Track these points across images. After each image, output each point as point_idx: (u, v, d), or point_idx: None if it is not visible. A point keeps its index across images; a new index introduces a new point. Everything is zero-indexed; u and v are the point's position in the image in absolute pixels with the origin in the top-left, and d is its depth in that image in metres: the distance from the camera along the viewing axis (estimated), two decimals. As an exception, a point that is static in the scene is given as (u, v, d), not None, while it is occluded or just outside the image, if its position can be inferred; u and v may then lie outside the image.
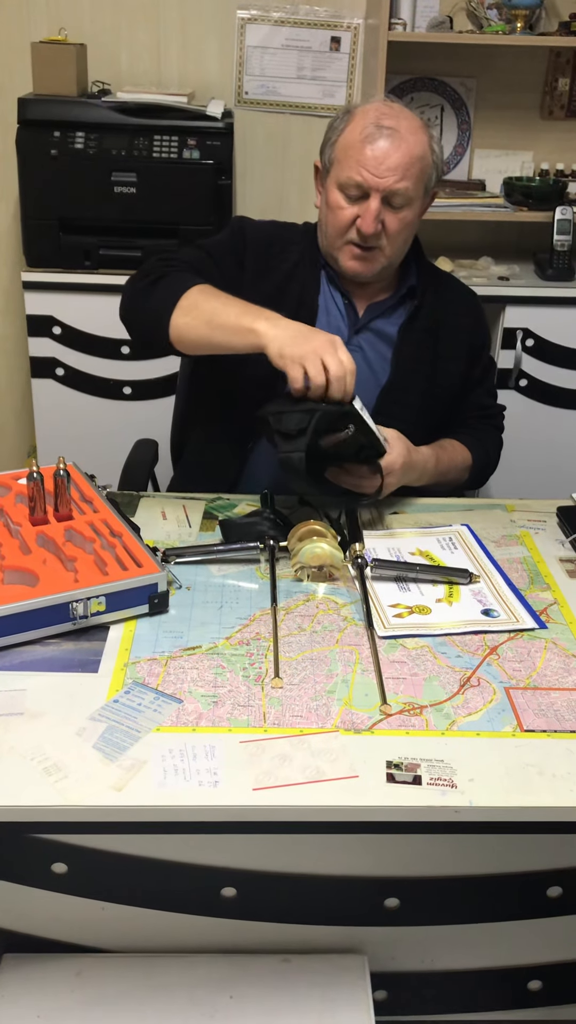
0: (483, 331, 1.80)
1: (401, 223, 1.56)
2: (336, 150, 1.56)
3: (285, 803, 1.01)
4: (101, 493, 1.49)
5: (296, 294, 1.64)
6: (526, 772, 1.06)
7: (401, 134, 1.52)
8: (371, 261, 1.59)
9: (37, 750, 1.06)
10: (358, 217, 1.54)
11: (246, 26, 2.73)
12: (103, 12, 2.70)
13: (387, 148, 1.51)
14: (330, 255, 1.63)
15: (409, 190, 1.53)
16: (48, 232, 2.52)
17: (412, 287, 1.68)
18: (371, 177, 1.51)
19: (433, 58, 2.73)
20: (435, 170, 1.59)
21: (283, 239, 1.69)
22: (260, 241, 1.66)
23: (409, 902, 1.13)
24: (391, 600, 1.36)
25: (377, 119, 1.53)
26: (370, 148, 1.51)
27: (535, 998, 1.23)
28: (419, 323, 1.68)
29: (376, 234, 1.54)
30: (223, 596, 1.36)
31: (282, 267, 1.64)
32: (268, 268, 1.64)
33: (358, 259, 1.58)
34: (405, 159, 1.51)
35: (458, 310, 1.73)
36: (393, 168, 1.51)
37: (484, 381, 1.80)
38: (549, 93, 2.81)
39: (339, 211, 1.56)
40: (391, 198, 1.53)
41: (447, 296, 1.73)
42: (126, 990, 1.12)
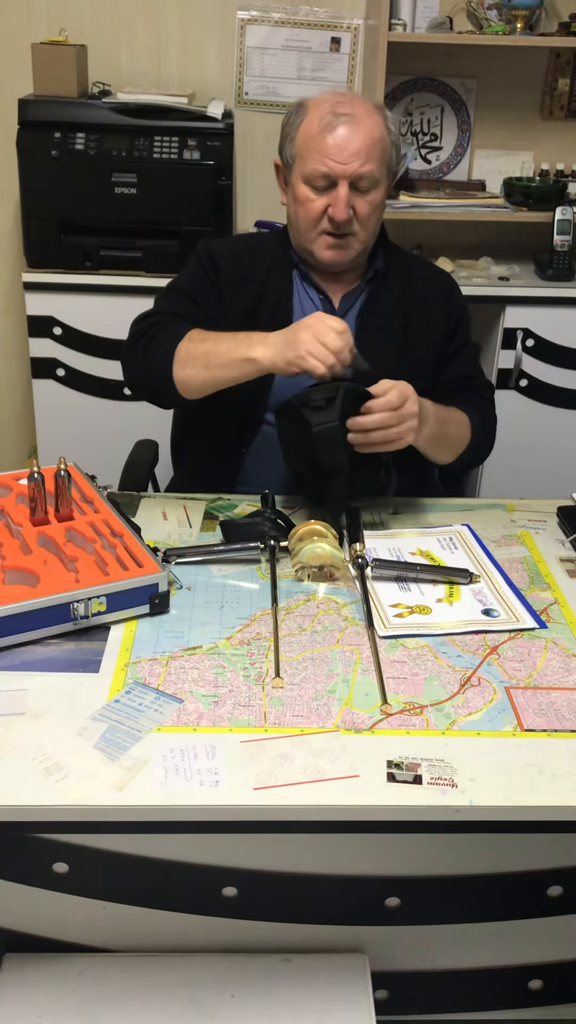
0: (458, 310, 1.77)
1: (371, 206, 1.59)
2: (296, 145, 1.59)
3: (286, 803, 1.01)
4: (102, 493, 1.49)
5: (272, 298, 1.66)
6: (526, 771, 1.06)
7: (358, 118, 1.55)
8: (346, 248, 1.61)
9: (38, 750, 1.06)
10: (328, 206, 1.57)
11: (246, 27, 2.73)
12: (103, 13, 2.70)
13: (347, 134, 1.54)
14: (304, 249, 1.64)
15: (374, 172, 1.56)
16: (49, 233, 2.52)
17: (377, 270, 1.70)
18: (336, 165, 1.54)
19: (433, 58, 2.73)
20: (395, 149, 1.62)
21: (251, 248, 1.72)
22: (229, 258, 1.69)
23: (410, 901, 1.13)
24: (391, 600, 1.36)
25: (332, 108, 1.56)
26: (331, 137, 1.54)
27: (536, 997, 1.23)
28: (383, 306, 1.68)
29: (348, 220, 1.57)
30: (224, 596, 1.36)
31: (256, 275, 1.67)
32: (243, 279, 1.67)
33: (333, 248, 1.61)
34: (366, 142, 1.54)
35: (429, 289, 1.74)
36: (356, 153, 1.54)
37: (461, 355, 1.77)
38: (549, 93, 2.81)
39: (308, 204, 1.58)
40: (358, 182, 1.56)
41: (416, 276, 1.74)
42: (127, 990, 1.12)
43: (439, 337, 1.72)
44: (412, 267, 1.76)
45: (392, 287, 1.70)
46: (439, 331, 1.72)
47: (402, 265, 1.73)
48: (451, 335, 1.75)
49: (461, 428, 1.68)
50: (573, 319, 2.62)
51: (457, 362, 1.76)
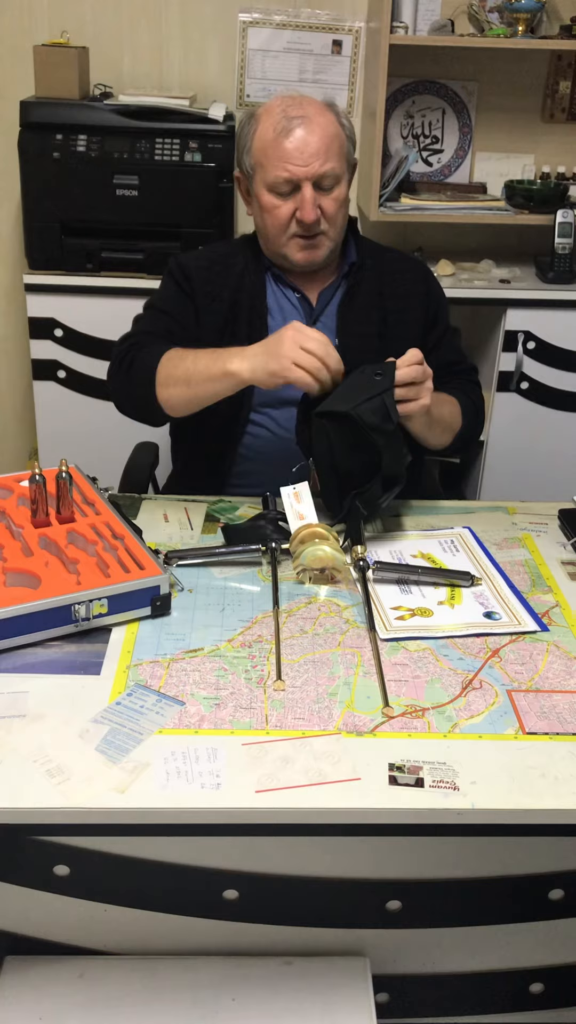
0: (434, 298, 1.78)
1: (336, 203, 1.60)
2: (254, 155, 1.60)
3: (287, 805, 1.01)
4: (103, 495, 1.49)
5: (247, 303, 1.68)
6: (528, 775, 1.06)
7: (311, 119, 1.56)
8: (318, 247, 1.63)
9: (39, 752, 1.06)
10: (296, 210, 1.58)
11: (248, 29, 2.73)
12: (105, 15, 2.70)
13: (304, 136, 1.55)
14: (277, 254, 1.66)
15: (335, 169, 1.58)
16: (50, 235, 2.52)
17: (352, 264, 1.71)
18: (297, 168, 1.56)
19: (434, 61, 2.74)
20: (350, 143, 1.63)
21: (222, 257, 1.73)
22: (200, 268, 1.70)
23: (411, 905, 1.13)
24: (393, 602, 1.36)
25: (284, 112, 1.57)
26: (287, 141, 1.55)
27: (537, 1001, 1.23)
28: (360, 299, 1.69)
29: (317, 220, 1.58)
30: (225, 598, 1.36)
31: (228, 283, 1.68)
32: (216, 288, 1.68)
33: (306, 249, 1.62)
34: (324, 141, 1.56)
35: (405, 280, 1.74)
36: (315, 153, 1.55)
37: (444, 343, 1.78)
38: (550, 96, 2.81)
39: (275, 210, 1.60)
40: (321, 181, 1.57)
41: (391, 267, 1.75)
42: (128, 992, 1.12)
43: (419, 327, 1.73)
44: (385, 259, 1.77)
45: (368, 279, 1.71)
46: (419, 320, 1.73)
47: (375, 257, 1.75)
48: (431, 324, 1.76)
49: (454, 410, 1.69)
50: (574, 322, 2.62)
51: (442, 350, 1.77)
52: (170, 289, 1.71)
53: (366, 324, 1.69)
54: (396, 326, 1.71)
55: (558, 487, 1.92)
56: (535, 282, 2.66)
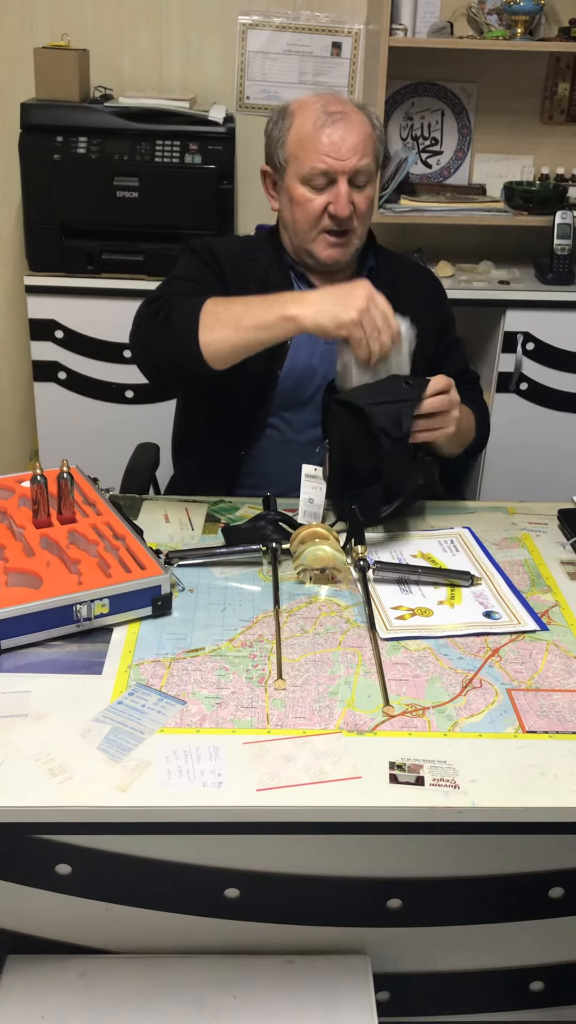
0: (447, 309, 1.82)
1: (367, 200, 1.62)
2: (288, 148, 1.60)
3: (289, 804, 1.01)
4: (104, 496, 1.49)
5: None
6: (528, 773, 1.06)
7: (350, 115, 1.58)
8: (347, 245, 1.63)
9: (42, 751, 1.07)
10: (328, 204, 1.58)
11: (247, 31, 2.74)
12: (105, 17, 2.71)
13: (343, 131, 1.56)
14: (303, 250, 1.65)
15: (370, 166, 1.60)
16: (51, 236, 2.53)
17: (371, 268, 1.72)
18: (335, 162, 1.56)
19: (434, 63, 2.74)
20: (381, 144, 1.66)
21: (247, 249, 1.72)
22: (229, 254, 1.68)
23: (412, 903, 1.14)
24: (393, 602, 1.37)
25: (324, 107, 1.58)
26: (326, 135, 1.56)
27: (537, 999, 1.23)
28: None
29: (350, 216, 1.59)
30: (226, 598, 1.36)
31: (255, 275, 1.67)
32: (243, 277, 1.67)
33: (335, 246, 1.63)
34: (361, 137, 1.57)
35: (419, 290, 1.76)
36: (353, 148, 1.56)
37: (453, 352, 1.81)
38: (549, 98, 2.82)
39: (307, 204, 1.59)
40: (355, 178, 1.58)
41: (406, 275, 1.77)
42: (130, 991, 1.13)
43: (432, 336, 1.74)
44: (400, 266, 1.79)
45: (385, 285, 1.70)
46: (432, 329, 1.74)
47: (391, 264, 1.76)
48: (443, 333, 1.78)
49: (470, 422, 1.72)
50: (573, 323, 2.62)
51: (452, 359, 1.79)
52: (198, 267, 1.66)
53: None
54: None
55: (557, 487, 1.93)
56: (534, 283, 2.66)
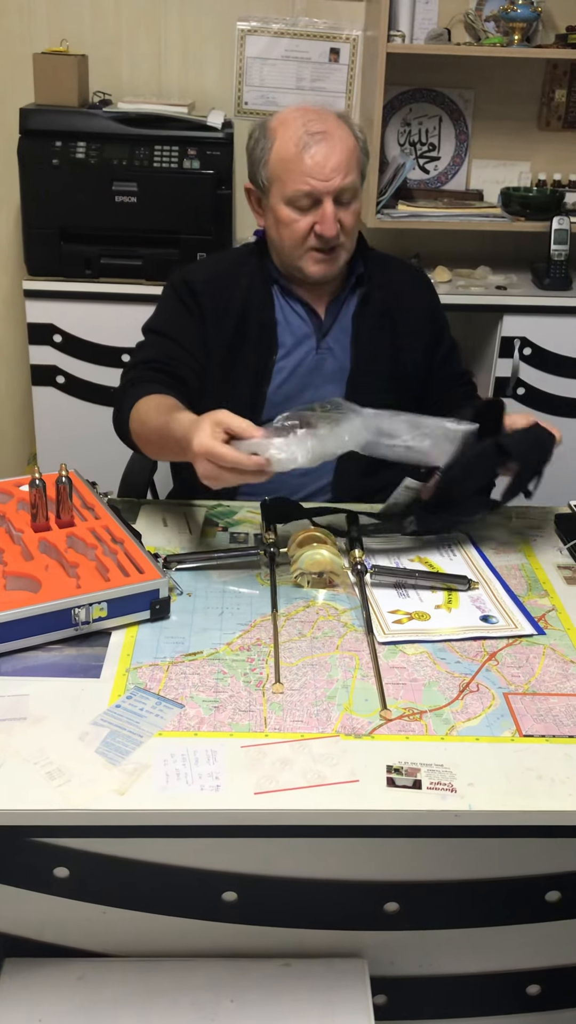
0: (440, 311, 1.81)
1: (354, 216, 1.62)
2: (271, 169, 1.59)
3: (286, 807, 1.02)
4: (103, 500, 1.50)
5: (256, 318, 1.67)
6: (525, 777, 1.07)
7: (332, 133, 1.56)
8: (335, 261, 1.63)
9: (40, 754, 1.07)
10: (314, 224, 1.58)
11: (246, 37, 2.75)
12: (104, 23, 2.72)
13: (326, 151, 1.55)
14: (292, 267, 1.65)
15: (355, 182, 1.59)
16: (49, 241, 2.54)
17: (361, 275, 1.71)
18: (319, 183, 1.55)
19: (431, 69, 2.75)
20: (364, 154, 1.64)
21: (227, 269, 1.71)
22: (206, 283, 1.68)
23: (409, 906, 1.14)
24: (391, 606, 1.37)
25: (305, 126, 1.56)
26: (309, 156, 1.55)
27: (534, 1002, 1.24)
28: (371, 307, 1.70)
29: (337, 234, 1.58)
30: (224, 602, 1.37)
31: (236, 295, 1.67)
32: (224, 302, 1.67)
33: (322, 263, 1.62)
34: (345, 155, 1.56)
35: (412, 292, 1.76)
36: (336, 167, 1.55)
37: (451, 357, 1.81)
38: (546, 104, 2.83)
39: (293, 224, 1.59)
40: (341, 195, 1.58)
41: (398, 278, 1.76)
42: (127, 994, 1.13)
43: (427, 337, 1.74)
44: (390, 268, 1.78)
45: (377, 291, 1.72)
46: (427, 331, 1.74)
47: (381, 267, 1.75)
48: (439, 334, 1.77)
49: None
50: (570, 328, 2.63)
51: (450, 364, 1.80)
52: (174, 309, 1.68)
53: (379, 332, 1.70)
54: (406, 335, 1.72)
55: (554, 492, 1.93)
56: (531, 288, 2.67)
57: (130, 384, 1.61)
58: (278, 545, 1.44)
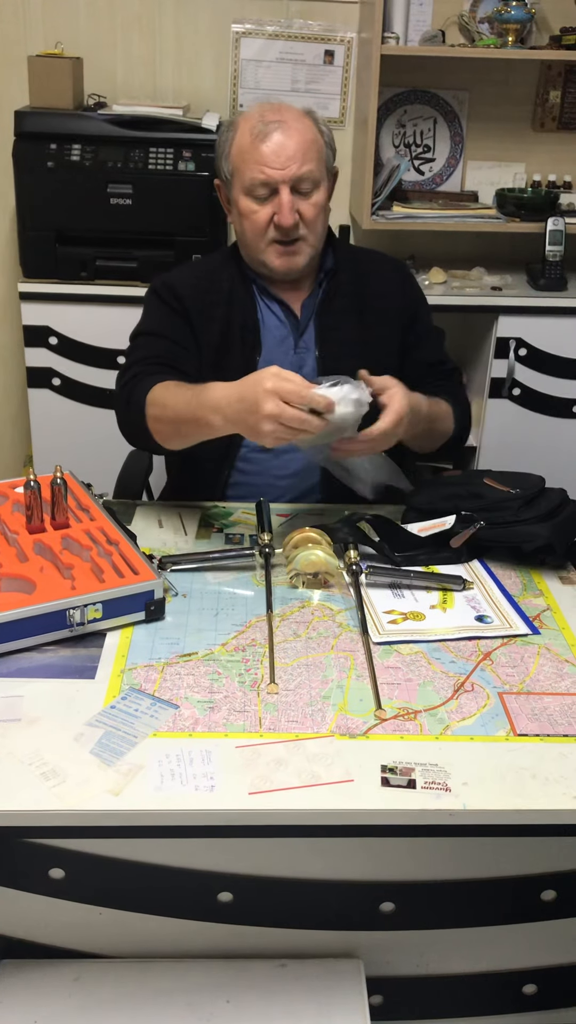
0: (413, 298, 1.77)
1: (315, 208, 1.60)
2: (232, 160, 1.60)
3: (281, 807, 1.02)
4: (98, 501, 1.50)
5: (239, 319, 1.67)
6: (519, 776, 1.07)
7: (288, 123, 1.57)
8: (297, 253, 1.62)
9: (35, 755, 1.07)
10: (274, 214, 1.58)
11: (241, 39, 2.75)
12: (99, 26, 2.72)
13: (281, 139, 1.55)
14: (256, 261, 1.65)
15: (313, 172, 1.58)
16: (45, 243, 2.54)
17: (328, 270, 1.70)
18: (274, 171, 1.55)
19: (426, 71, 2.76)
20: (329, 149, 1.63)
21: (207, 273, 1.72)
22: (189, 287, 1.69)
23: (404, 906, 1.14)
24: (386, 606, 1.37)
25: (261, 117, 1.57)
26: (264, 145, 1.55)
27: (530, 1002, 1.24)
28: (337, 303, 1.69)
29: (295, 224, 1.58)
30: (219, 603, 1.37)
31: (219, 299, 1.68)
32: (209, 306, 1.67)
33: (284, 255, 1.62)
34: (301, 144, 1.56)
35: (383, 284, 1.74)
36: (292, 156, 1.55)
37: (425, 343, 1.77)
38: (541, 105, 2.84)
39: (253, 215, 1.59)
40: (299, 184, 1.57)
41: (369, 271, 1.74)
42: (123, 995, 1.13)
43: (397, 329, 1.73)
44: (364, 261, 1.76)
45: (345, 284, 1.70)
46: (397, 323, 1.72)
47: (353, 261, 1.74)
48: (409, 324, 1.74)
49: (447, 421, 1.69)
50: (565, 329, 2.64)
51: (423, 350, 1.75)
52: (161, 311, 1.68)
53: (346, 331, 1.68)
54: (376, 328, 1.70)
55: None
56: (526, 289, 2.68)
57: (134, 379, 1.58)
58: (273, 546, 1.44)
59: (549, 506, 1.47)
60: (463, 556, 1.49)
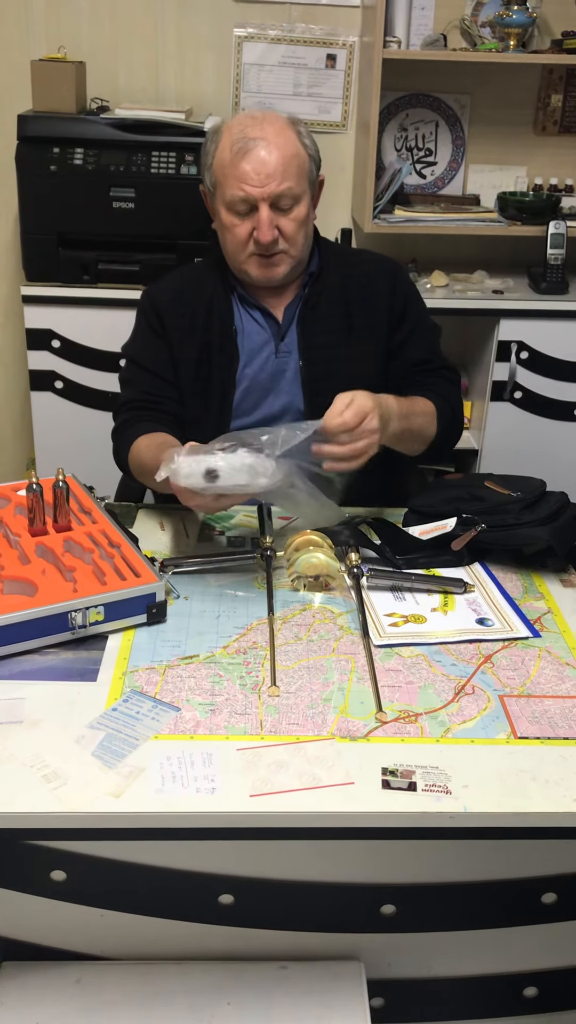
0: (402, 296, 1.71)
1: (295, 223, 1.59)
2: (214, 172, 1.60)
3: (282, 809, 1.02)
4: (100, 504, 1.50)
5: (217, 329, 1.68)
6: (520, 778, 1.07)
7: (268, 140, 1.55)
8: (279, 264, 1.62)
9: (36, 758, 1.07)
10: (254, 229, 1.58)
11: (243, 44, 2.76)
12: (102, 30, 2.73)
13: (261, 157, 1.54)
14: (239, 270, 1.65)
15: (293, 189, 1.56)
16: (47, 247, 2.54)
17: (312, 273, 1.69)
18: (253, 189, 1.55)
19: (427, 75, 2.76)
20: (312, 162, 1.61)
21: (192, 283, 1.72)
22: (170, 302, 1.70)
23: (405, 909, 1.14)
24: (387, 609, 1.37)
25: (242, 132, 1.56)
26: (244, 162, 1.54)
27: (531, 1004, 1.24)
28: (322, 309, 1.67)
29: (274, 241, 1.58)
30: (220, 606, 1.37)
31: (199, 310, 1.68)
32: (186, 320, 1.68)
33: (265, 267, 1.62)
34: (280, 162, 1.54)
35: (369, 282, 1.70)
36: (271, 174, 1.54)
37: (413, 341, 1.71)
38: (542, 109, 2.84)
39: (234, 229, 1.60)
40: (278, 202, 1.56)
41: (355, 272, 1.71)
42: (125, 997, 1.13)
43: (384, 328, 1.70)
44: (351, 262, 1.73)
45: (330, 287, 1.69)
46: (383, 322, 1.69)
47: (340, 263, 1.72)
48: (397, 323, 1.70)
49: (427, 419, 1.63)
50: (567, 332, 2.64)
51: (410, 348, 1.71)
52: (144, 334, 1.71)
53: (330, 334, 1.67)
54: (362, 330, 1.68)
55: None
56: (528, 293, 2.68)
57: (122, 425, 1.67)
58: (275, 549, 1.44)
59: (550, 509, 1.48)
60: (464, 559, 1.49)
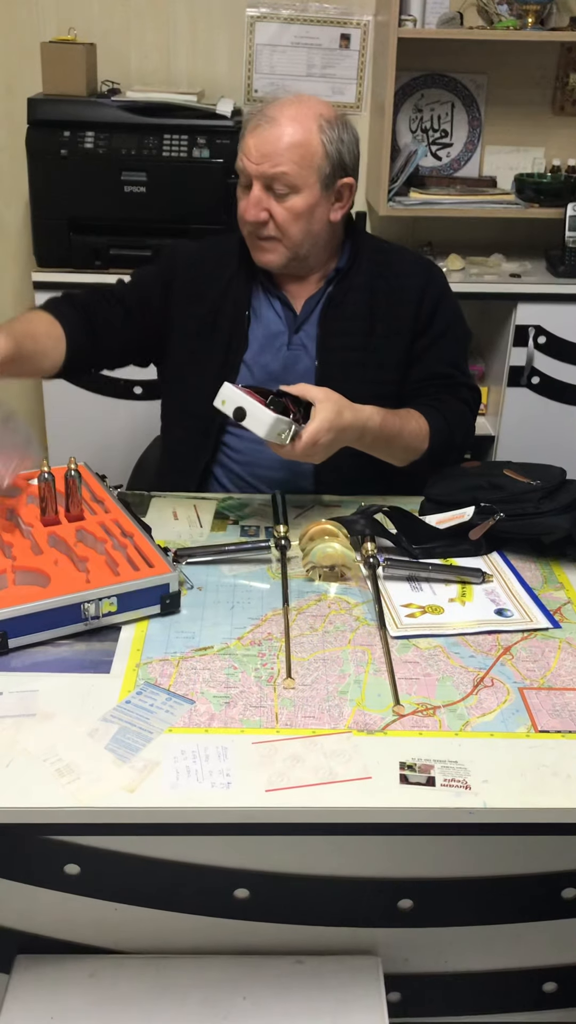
0: (431, 304, 1.64)
1: (288, 212, 1.54)
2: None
3: (298, 804, 1.00)
4: (112, 493, 1.49)
5: (229, 310, 1.64)
6: (540, 773, 1.05)
7: (279, 121, 1.52)
8: (270, 251, 1.58)
9: (50, 751, 1.06)
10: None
11: (255, 24, 2.72)
12: (112, 12, 2.70)
13: (265, 135, 1.52)
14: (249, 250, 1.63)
15: (289, 175, 1.51)
16: (58, 232, 2.52)
17: (339, 270, 1.64)
18: (249, 164, 1.53)
19: (443, 54, 2.72)
20: (328, 159, 1.53)
21: (217, 253, 1.69)
22: (191, 263, 1.68)
23: (423, 903, 1.13)
24: (403, 600, 1.35)
25: (263, 109, 1.55)
26: (251, 136, 1.54)
27: (550, 1000, 1.22)
28: (346, 308, 1.62)
29: (260, 222, 1.54)
30: (235, 596, 1.36)
31: (215, 285, 1.65)
32: (201, 288, 1.65)
33: (260, 251, 1.59)
34: (280, 145, 1.51)
35: (399, 287, 1.63)
36: (267, 154, 1.51)
37: (435, 352, 1.64)
38: (560, 89, 2.79)
39: (239, 204, 1.58)
40: (272, 184, 1.53)
41: (388, 273, 1.64)
42: (139, 991, 1.12)
43: (407, 336, 1.63)
44: (385, 263, 1.65)
45: (358, 287, 1.63)
46: (407, 330, 1.63)
47: (374, 262, 1.65)
48: (420, 332, 1.63)
49: (415, 439, 1.57)
50: (585, 316, 2.60)
51: (430, 360, 1.64)
52: (153, 271, 1.71)
53: (350, 336, 1.61)
54: (383, 335, 1.62)
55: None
56: (545, 276, 2.64)
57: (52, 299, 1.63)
58: (289, 538, 1.43)
59: (570, 498, 1.45)
60: (482, 548, 1.47)
